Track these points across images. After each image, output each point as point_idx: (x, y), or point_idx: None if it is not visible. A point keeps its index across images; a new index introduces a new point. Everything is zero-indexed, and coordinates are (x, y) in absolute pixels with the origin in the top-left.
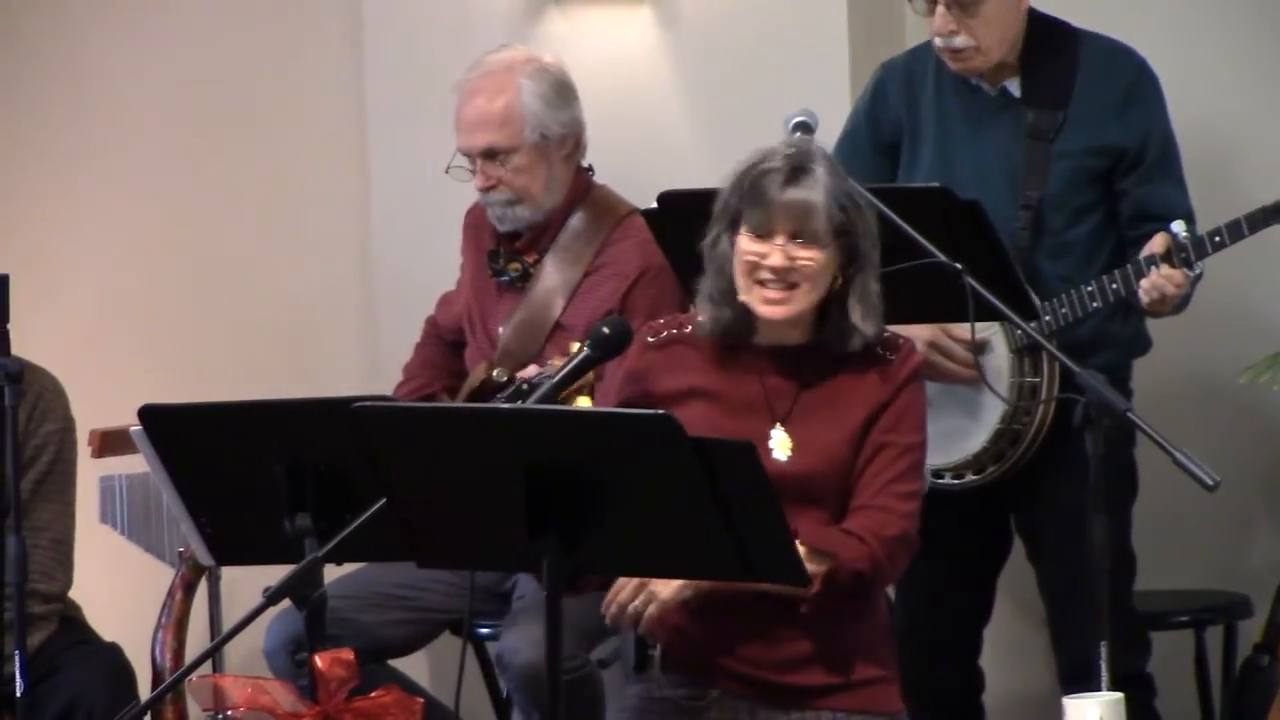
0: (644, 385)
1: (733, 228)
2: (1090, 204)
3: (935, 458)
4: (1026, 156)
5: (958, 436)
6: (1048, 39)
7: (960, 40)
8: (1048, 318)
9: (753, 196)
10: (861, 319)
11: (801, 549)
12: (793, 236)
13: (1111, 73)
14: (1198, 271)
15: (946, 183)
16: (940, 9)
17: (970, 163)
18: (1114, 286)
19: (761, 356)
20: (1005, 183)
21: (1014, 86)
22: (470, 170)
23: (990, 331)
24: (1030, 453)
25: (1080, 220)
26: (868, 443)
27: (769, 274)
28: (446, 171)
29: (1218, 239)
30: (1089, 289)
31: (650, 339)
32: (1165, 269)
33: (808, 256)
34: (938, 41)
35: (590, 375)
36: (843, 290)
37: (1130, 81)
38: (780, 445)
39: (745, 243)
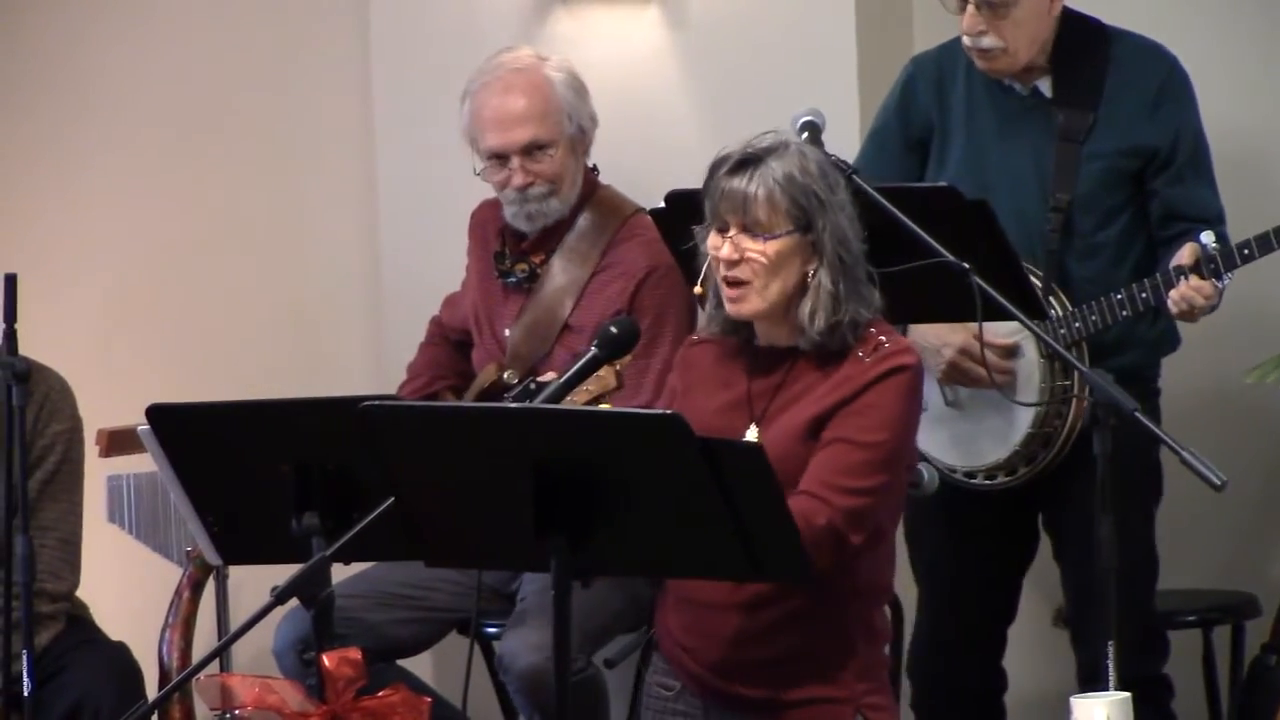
0: (673, 381)
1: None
2: (1120, 205)
3: (968, 460)
4: (1057, 158)
5: (990, 439)
6: (1080, 38)
7: (988, 41)
8: (1078, 324)
9: (708, 188)
10: (809, 316)
11: None
12: (742, 228)
13: (1143, 72)
14: (1229, 281)
15: (976, 182)
16: (970, 8)
17: (1000, 163)
18: (1143, 296)
19: (756, 357)
20: (1035, 184)
21: (1045, 86)
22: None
23: (1022, 336)
24: (1062, 455)
25: (1110, 222)
26: (823, 436)
27: (724, 267)
28: (476, 173)
29: (1246, 252)
30: (1119, 297)
31: (693, 337)
32: (1194, 280)
33: (757, 249)
34: (966, 41)
35: (612, 381)
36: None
37: (1162, 80)
38: None
39: (710, 237)
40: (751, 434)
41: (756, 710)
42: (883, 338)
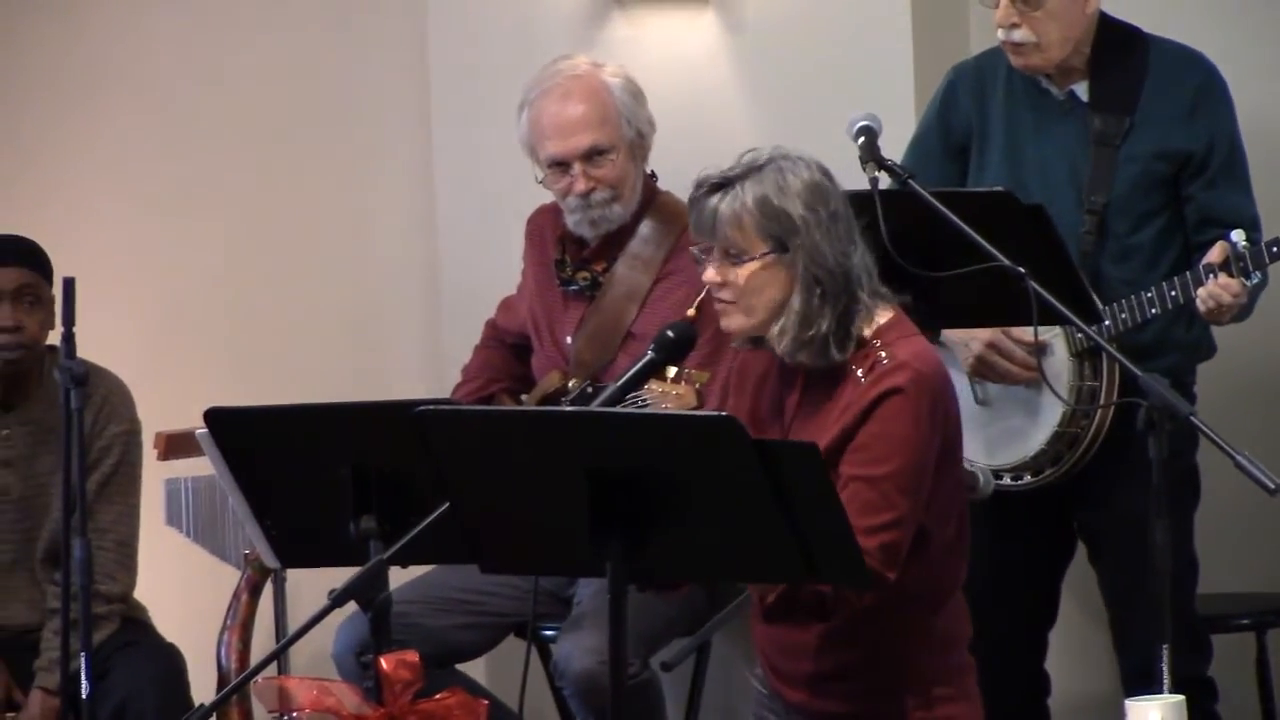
0: (730, 383)
1: None
2: (1156, 209)
3: (995, 458)
4: (1092, 161)
5: (1017, 437)
6: (1117, 44)
7: (1020, 34)
8: (1107, 322)
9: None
10: (777, 335)
11: None
12: (724, 252)
13: (1181, 78)
14: (1256, 279)
15: (1013, 185)
16: (1004, 1)
17: (1037, 166)
18: (1173, 294)
19: (787, 371)
20: (1071, 187)
21: (1082, 91)
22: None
23: (1051, 334)
24: (1089, 456)
25: (1145, 225)
26: (840, 471)
27: (712, 288)
28: (539, 181)
29: (1276, 249)
30: (1148, 295)
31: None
32: (1223, 278)
33: (734, 271)
34: (1000, 34)
35: (691, 400)
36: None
37: (1199, 86)
38: None
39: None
40: None
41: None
42: (882, 352)
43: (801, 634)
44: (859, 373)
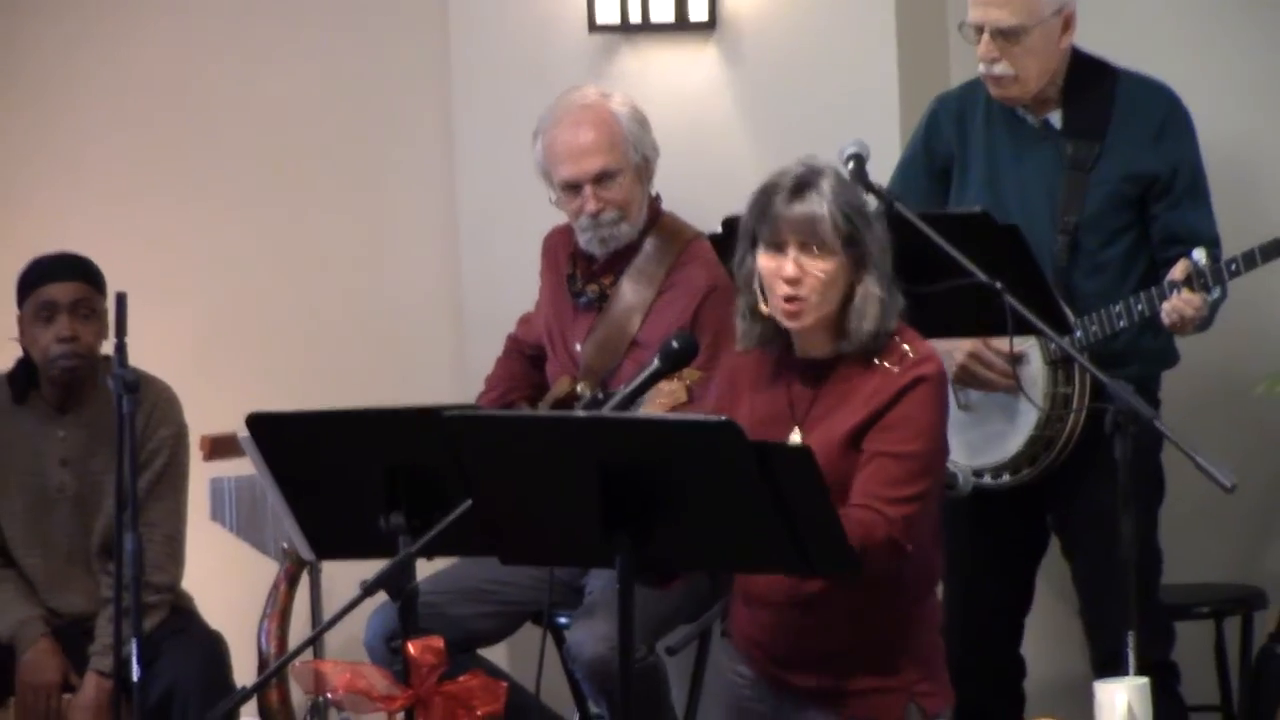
0: (725, 386)
1: (753, 246)
2: (1123, 227)
3: (976, 459)
4: (1065, 184)
5: (996, 440)
6: (1088, 76)
7: (1000, 68)
8: (1079, 334)
9: (764, 214)
10: (858, 319)
11: None
12: (802, 247)
13: (1147, 108)
14: (1216, 295)
15: (993, 206)
16: (985, 37)
17: (1014, 188)
18: (1139, 308)
19: (794, 368)
20: (1046, 207)
21: (1055, 119)
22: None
23: (1028, 345)
24: (1062, 457)
25: (1114, 241)
26: (865, 448)
27: (785, 285)
28: (553, 202)
29: (1233, 267)
30: (1117, 309)
31: (738, 347)
32: (1186, 293)
33: (817, 266)
34: (981, 68)
35: (683, 396)
36: (851, 295)
37: (1164, 115)
38: None
39: (762, 258)
40: (795, 438)
41: (819, 699)
42: (906, 346)
43: (809, 618)
44: (886, 364)
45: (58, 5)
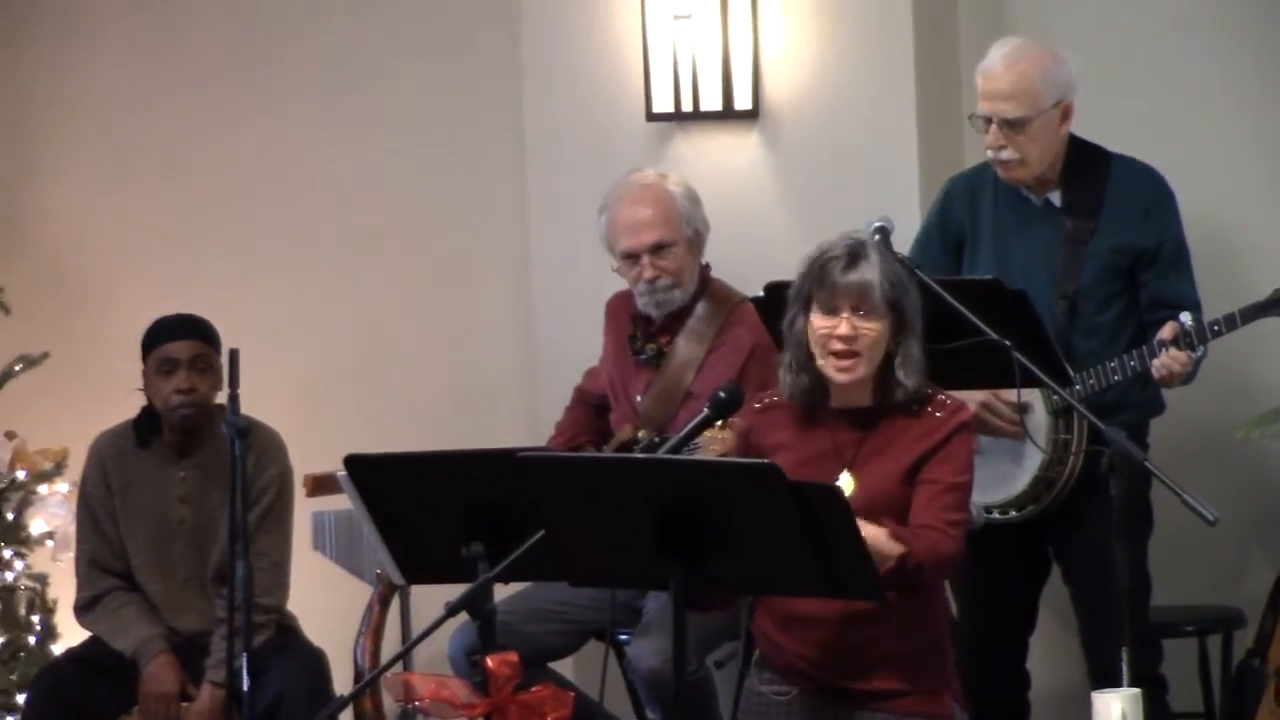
0: (750, 440)
1: (805, 308)
2: (1116, 293)
3: (985, 497)
4: (1064, 255)
5: (1004, 480)
6: (1085, 159)
7: (1006, 154)
8: (1078, 386)
9: (820, 280)
10: (904, 375)
11: (887, 529)
12: (854, 310)
13: (1136, 188)
14: (1200, 353)
15: (1000, 275)
16: (993, 126)
17: (1020, 259)
18: (1132, 364)
19: (833, 417)
20: (1047, 276)
21: (1056, 198)
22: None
23: (1032, 396)
24: (1063, 495)
25: (1108, 307)
26: (919, 480)
27: (838, 343)
28: (615, 270)
29: (1216, 328)
30: (1112, 365)
31: (755, 405)
32: (1174, 351)
33: (868, 326)
34: (989, 154)
35: (734, 443)
36: (894, 354)
37: (1151, 195)
38: (846, 486)
39: (817, 319)
40: (844, 479)
41: (875, 700)
42: (943, 397)
43: (849, 631)
44: (933, 411)
45: (185, 103)
